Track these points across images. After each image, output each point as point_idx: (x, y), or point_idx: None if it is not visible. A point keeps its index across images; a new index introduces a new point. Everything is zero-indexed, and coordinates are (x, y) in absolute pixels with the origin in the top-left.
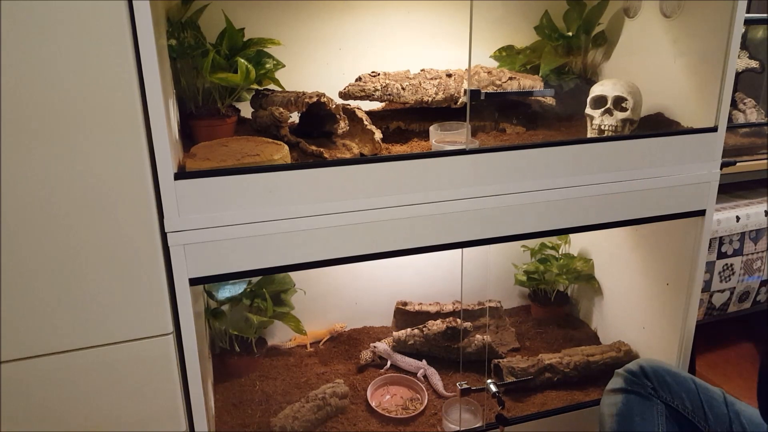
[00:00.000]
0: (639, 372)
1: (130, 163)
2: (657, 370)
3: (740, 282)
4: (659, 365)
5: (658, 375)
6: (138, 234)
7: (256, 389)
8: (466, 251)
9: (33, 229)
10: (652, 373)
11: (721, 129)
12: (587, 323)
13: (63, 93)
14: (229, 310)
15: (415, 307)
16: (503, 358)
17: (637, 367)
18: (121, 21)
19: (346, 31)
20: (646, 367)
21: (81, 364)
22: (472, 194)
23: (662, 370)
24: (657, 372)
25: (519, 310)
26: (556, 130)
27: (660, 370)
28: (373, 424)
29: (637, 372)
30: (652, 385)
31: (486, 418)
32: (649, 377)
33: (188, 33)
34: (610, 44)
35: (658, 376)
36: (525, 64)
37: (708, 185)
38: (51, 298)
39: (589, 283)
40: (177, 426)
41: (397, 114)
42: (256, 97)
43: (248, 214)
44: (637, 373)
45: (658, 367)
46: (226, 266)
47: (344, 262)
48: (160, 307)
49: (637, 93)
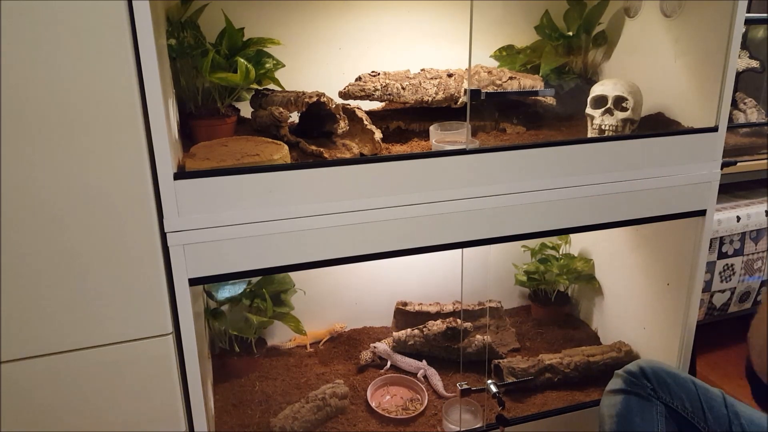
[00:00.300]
0: (639, 373)
1: (129, 163)
2: (657, 371)
3: (741, 282)
4: (659, 366)
5: (657, 376)
6: (137, 234)
7: (256, 390)
8: (466, 251)
9: (32, 229)
10: (652, 374)
11: (722, 129)
12: (588, 323)
13: (62, 92)
14: (229, 311)
15: (415, 308)
16: (503, 358)
17: (637, 368)
18: (121, 21)
19: (346, 31)
20: (645, 368)
21: (80, 364)
22: (472, 194)
23: (662, 371)
24: (657, 373)
25: (519, 310)
26: (556, 130)
27: (660, 371)
28: (373, 424)
29: (636, 373)
30: (652, 386)
31: (486, 419)
32: (649, 378)
33: (188, 33)
34: (610, 44)
35: (657, 377)
36: (525, 64)
37: (708, 185)
38: (51, 298)
39: (589, 283)
40: (176, 426)
41: (397, 114)
42: (255, 96)
43: (248, 214)
44: (637, 374)
45: (658, 368)
46: (226, 266)
47: (344, 262)
48: (160, 308)
49: (638, 93)
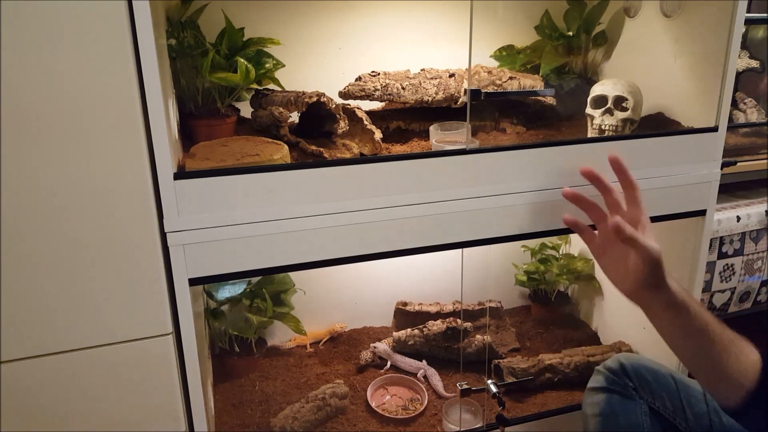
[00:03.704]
0: (620, 370)
1: (129, 163)
2: (637, 369)
3: (741, 282)
4: (639, 362)
5: (638, 374)
6: (137, 234)
7: (256, 390)
8: (466, 251)
9: (32, 229)
10: (633, 372)
11: (722, 129)
12: (588, 323)
13: (62, 92)
14: (229, 311)
15: (415, 308)
16: (503, 358)
17: (618, 365)
18: (121, 20)
19: (346, 31)
20: (626, 364)
21: (80, 364)
22: (472, 194)
23: (642, 368)
24: (637, 371)
25: (519, 310)
26: (556, 129)
27: (640, 369)
28: (373, 424)
29: (617, 370)
30: (633, 384)
31: (486, 419)
32: (630, 377)
33: (188, 32)
34: (610, 44)
35: (638, 376)
36: (525, 64)
37: (708, 185)
38: (50, 298)
39: (589, 283)
40: (176, 426)
41: (397, 114)
42: (255, 96)
43: (248, 214)
44: (618, 372)
45: (638, 364)
46: (226, 266)
47: (344, 262)
48: (160, 308)
49: (638, 93)
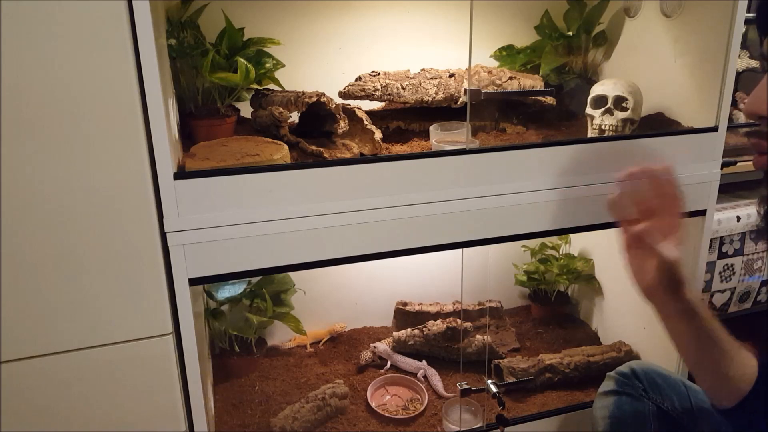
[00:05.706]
0: (630, 374)
1: (129, 163)
2: (648, 372)
3: (741, 282)
4: (650, 367)
5: (648, 377)
6: (137, 234)
7: (256, 390)
8: (466, 251)
9: (32, 229)
10: (643, 374)
11: (722, 129)
12: (588, 323)
13: (62, 92)
14: (229, 311)
15: (415, 308)
16: (503, 358)
17: (628, 369)
18: (121, 20)
19: (346, 31)
20: (636, 369)
21: (80, 364)
22: (472, 194)
23: (653, 372)
24: (648, 374)
25: (519, 310)
26: (556, 129)
27: (651, 372)
28: (373, 424)
29: (628, 374)
30: (643, 386)
31: (486, 419)
32: (640, 379)
33: (188, 33)
34: (610, 44)
35: (648, 378)
36: (525, 64)
37: (709, 185)
38: (50, 298)
39: (589, 283)
40: (176, 426)
41: (397, 114)
42: (255, 96)
43: (248, 214)
44: (628, 375)
45: (649, 369)
46: (226, 266)
47: (344, 262)
48: (160, 308)
49: (638, 93)
